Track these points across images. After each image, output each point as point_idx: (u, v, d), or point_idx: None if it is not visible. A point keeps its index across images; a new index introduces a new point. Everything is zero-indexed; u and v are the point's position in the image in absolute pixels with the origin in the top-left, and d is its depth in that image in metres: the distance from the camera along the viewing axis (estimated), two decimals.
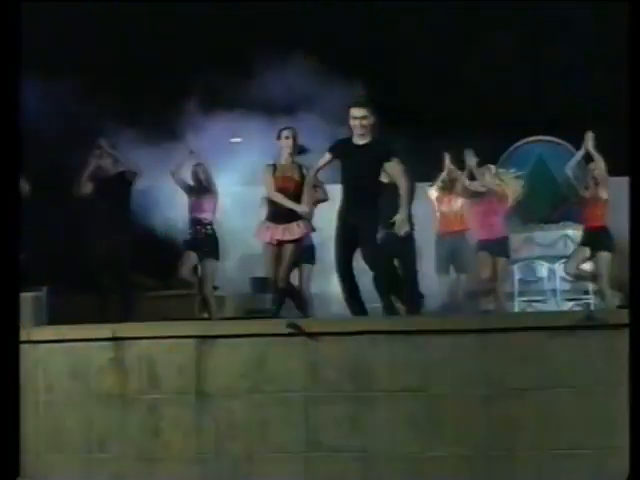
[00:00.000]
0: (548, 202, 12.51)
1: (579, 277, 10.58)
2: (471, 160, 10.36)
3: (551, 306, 11.38)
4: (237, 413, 6.59)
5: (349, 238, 7.94)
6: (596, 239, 9.81)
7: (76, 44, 11.53)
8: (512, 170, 10.41)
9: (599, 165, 9.78)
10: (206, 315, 9.94)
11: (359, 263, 8.00)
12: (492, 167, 10.46)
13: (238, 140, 11.40)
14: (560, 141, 13.50)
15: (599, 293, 10.25)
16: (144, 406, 6.75)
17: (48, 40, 10.65)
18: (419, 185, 10.03)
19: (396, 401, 6.35)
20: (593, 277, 10.18)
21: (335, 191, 8.48)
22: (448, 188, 10.58)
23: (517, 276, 11.91)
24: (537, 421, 6.22)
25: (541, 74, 12.34)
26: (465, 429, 6.25)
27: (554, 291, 11.72)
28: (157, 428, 6.71)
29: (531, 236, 12.61)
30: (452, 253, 10.48)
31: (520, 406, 6.24)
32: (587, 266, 10.23)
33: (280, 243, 8.70)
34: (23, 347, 6.88)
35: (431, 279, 10.53)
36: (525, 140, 13.79)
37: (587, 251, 9.92)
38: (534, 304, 11.69)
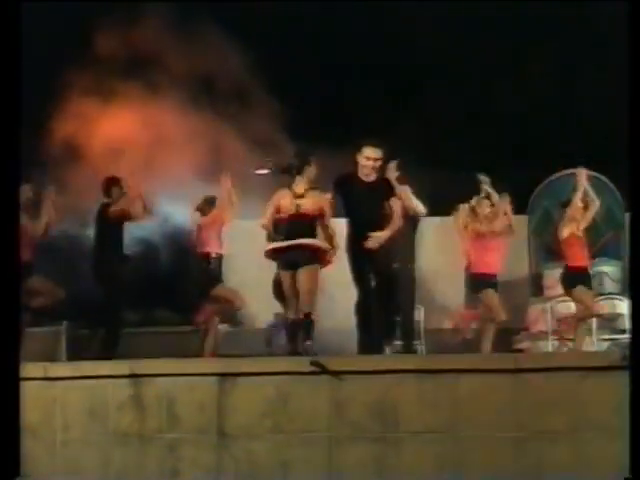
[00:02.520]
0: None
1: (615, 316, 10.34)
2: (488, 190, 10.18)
3: (586, 346, 11.07)
4: (258, 453, 6.40)
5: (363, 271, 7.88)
6: None
7: None
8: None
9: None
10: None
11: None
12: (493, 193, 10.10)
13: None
14: (598, 175, 13.27)
15: None
16: (163, 445, 6.57)
17: None
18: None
19: (422, 443, 6.14)
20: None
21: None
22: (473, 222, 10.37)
23: (550, 314, 11.62)
24: (570, 466, 5.96)
25: (582, 105, 12.17)
26: (494, 473, 6.01)
27: (589, 330, 11.41)
28: (176, 469, 6.52)
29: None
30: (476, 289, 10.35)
31: (552, 450, 6.00)
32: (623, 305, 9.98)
33: None
34: (40, 384, 6.80)
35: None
36: (562, 173, 13.56)
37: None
38: (568, 343, 11.38)
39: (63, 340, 10.16)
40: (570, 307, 10.52)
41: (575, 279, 9.52)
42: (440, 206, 10.69)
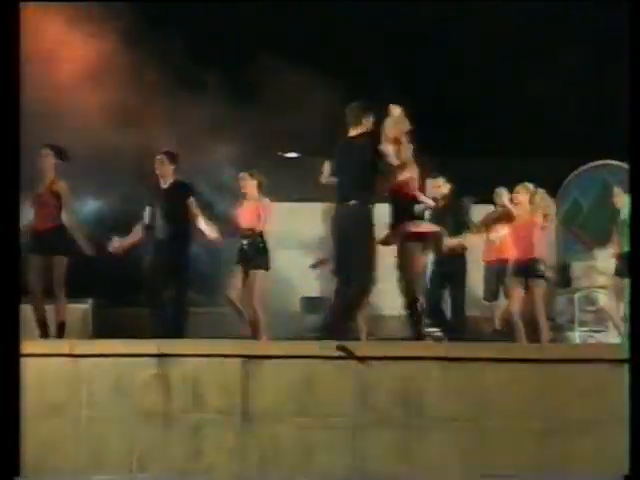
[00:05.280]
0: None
1: None
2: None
3: (613, 337, 11.01)
4: (282, 437, 6.40)
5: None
6: None
7: None
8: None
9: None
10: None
11: None
12: (530, 185, 10.00)
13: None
14: (626, 165, 13.17)
15: None
16: (187, 426, 6.58)
17: None
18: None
19: (447, 431, 6.13)
20: None
21: None
22: (498, 215, 10.36)
23: (578, 305, 11.56)
24: (595, 458, 5.93)
25: (607, 96, 12.05)
26: (519, 463, 5.99)
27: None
28: (200, 449, 6.53)
29: (593, 264, 12.23)
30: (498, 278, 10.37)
31: (577, 442, 5.96)
32: None
33: None
34: (66, 360, 6.81)
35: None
36: (590, 164, 13.47)
37: None
38: (595, 335, 11.32)
39: (90, 317, 10.21)
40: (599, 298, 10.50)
41: None
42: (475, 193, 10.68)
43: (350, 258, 7.65)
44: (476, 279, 10.90)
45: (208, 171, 11.22)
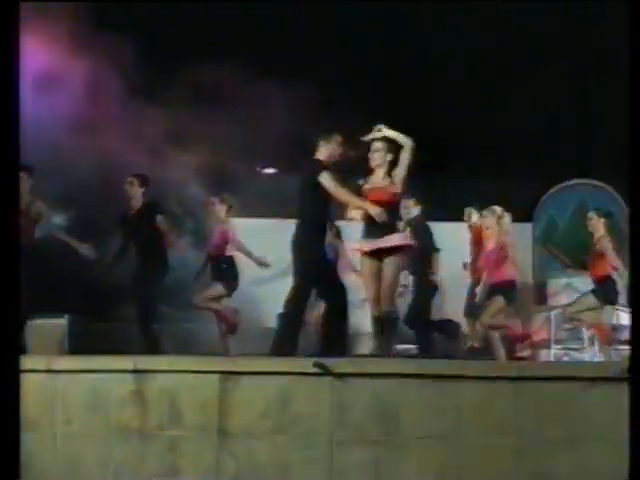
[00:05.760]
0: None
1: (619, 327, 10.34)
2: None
3: (589, 356, 11.08)
4: (259, 453, 6.38)
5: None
6: None
7: None
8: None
9: None
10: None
11: None
12: (497, 208, 10.09)
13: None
14: (602, 184, 13.29)
15: None
16: (163, 442, 6.56)
17: None
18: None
19: (424, 448, 6.13)
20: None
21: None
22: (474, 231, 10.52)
23: (554, 323, 11.61)
24: (571, 475, 5.95)
25: (590, 115, 12.14)
26: None
27: (592, 339, 11.41)
28: (176, 466, 6.51)
29: (570, 282, 12.31)
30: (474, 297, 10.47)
31: (553, 459, 5.98)
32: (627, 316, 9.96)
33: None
34: (42, 376, 6.79)
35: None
36: (566, 183, 13.57)
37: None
38: (571, 353, 11.38)
39: (65, 333, 10.16)
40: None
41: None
42: (448, 212, 10.72)
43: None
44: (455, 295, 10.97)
45: (176, 187, 11.20)
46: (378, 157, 8.23)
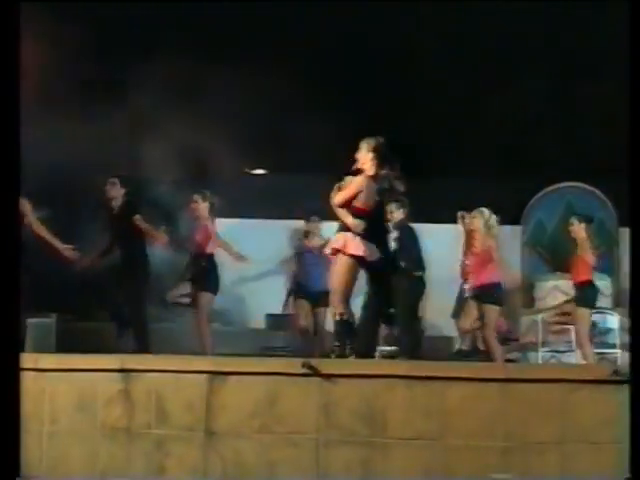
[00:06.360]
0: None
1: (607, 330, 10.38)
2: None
3: (576, 358, 11.10)
4: (245, 453, 6.38)
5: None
6: None
7: None
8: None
9: None
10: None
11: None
12: (485, 210, 10.06)
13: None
14: (591, 188, 13.32)
15: None
16: (150, 441, 6.55)
17: None
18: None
19: (410, 449, 6.14)
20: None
21: None
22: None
23: (541, 326, 11.63)
24: (557, 477, 5.97)
25: (579, 118, 12.14)
26: None
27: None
28: (162, 465, 6.50)
29: (557, 285, 12.31)
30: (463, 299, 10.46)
31: (539, 461, 6.00)
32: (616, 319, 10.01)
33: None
34: (30, 374, 6.76)
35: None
36: (554, 186, 13.60)
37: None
38: (558, 355, 11.40)
39: (53, 332, 10.15)
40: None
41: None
42: (436, 214, 10.73)
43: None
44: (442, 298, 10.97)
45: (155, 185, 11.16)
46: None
